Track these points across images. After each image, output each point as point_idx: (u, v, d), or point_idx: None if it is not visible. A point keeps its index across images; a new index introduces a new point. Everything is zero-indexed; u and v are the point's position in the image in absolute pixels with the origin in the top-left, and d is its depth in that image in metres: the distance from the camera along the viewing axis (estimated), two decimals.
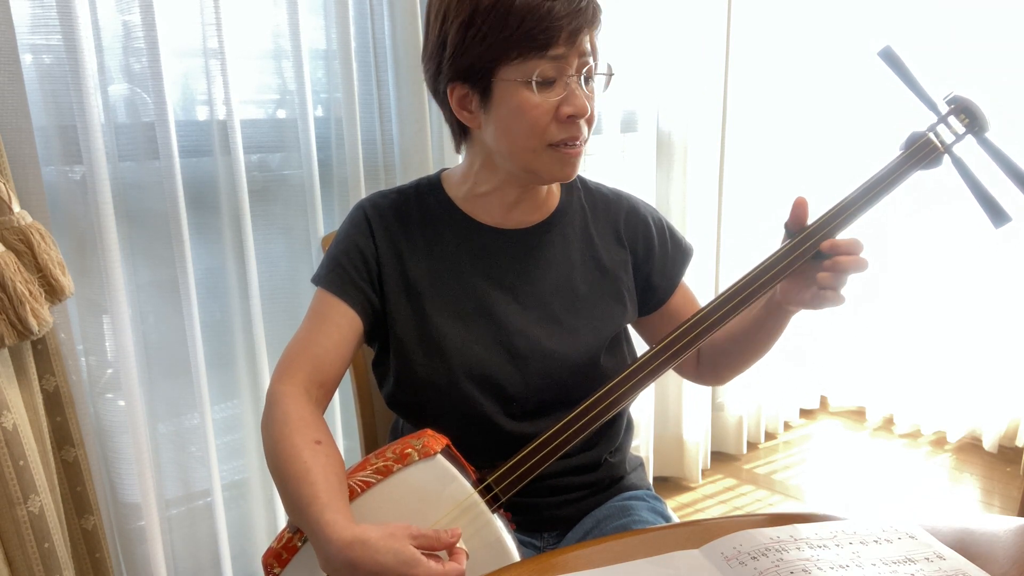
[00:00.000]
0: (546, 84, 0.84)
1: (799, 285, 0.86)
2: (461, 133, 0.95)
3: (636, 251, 1.02)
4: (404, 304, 0.94)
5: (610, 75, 0.91)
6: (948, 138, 0.87)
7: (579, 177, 1.05)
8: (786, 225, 0.87)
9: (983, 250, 2.42)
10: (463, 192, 0.97)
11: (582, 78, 0.85)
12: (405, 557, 0.68)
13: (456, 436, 0.86)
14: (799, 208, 0.86)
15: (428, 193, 0.99)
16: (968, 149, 0.88)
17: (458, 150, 0.98)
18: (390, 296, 0.94)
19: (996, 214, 0.87)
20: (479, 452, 0.88)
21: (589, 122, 0.88)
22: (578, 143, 0.88)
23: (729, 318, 0.86)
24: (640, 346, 1.05)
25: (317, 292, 0.94)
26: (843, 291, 0.84)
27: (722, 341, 1.00)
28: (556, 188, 1.01)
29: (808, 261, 0.85)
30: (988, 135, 0.87)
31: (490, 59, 0.84)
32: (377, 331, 0.96)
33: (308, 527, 0.74)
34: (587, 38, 0.85)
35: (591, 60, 0.86)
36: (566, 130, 0.86)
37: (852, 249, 0.82)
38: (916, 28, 2.39)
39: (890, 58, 0.89)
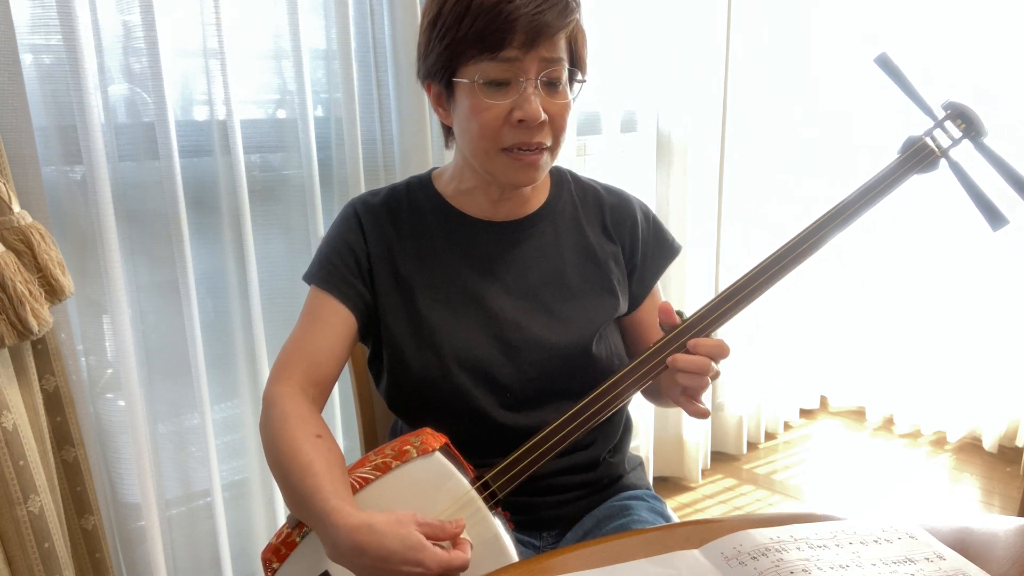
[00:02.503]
0: (499, 86, 0.83)
1: (671, 381, 0.84)
2: (448, 129, 0.96)
3: (624, 245, 1.02)
4: (396, 299, 0.94)
5: (581, 82, 0.90)
6: (945, 142, 0.88)
7: (570, 172, 1.05)
8: (660, 323, 0.85)
9: (982, 251, 2.42)
10: (452, 188, 0.98)
11: (538, 82, 0.84)
12: (411, 542, 0.69)
13: (452, 430, 0.86)
14: (662, 311, 0.84)
15: (418, 189, 1.00)
16: (965, 151, 0.88)
17: (447, 145, 0.99)
18: (381, 291, 0.94)
19: (993, 217, 0.87)
20: (475, 446, 0.88)
21: (554, 128, 0.87)
22: (533, 149, 0.86)
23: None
24: None
25: (310, 291, 0.95)
26: (702, 403, 0.82)
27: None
28: (545, 181, 1.02)
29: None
30: (984, 140, 0.87)
31: (448, 59, 0.85)
32: (370, 328, 0.96)
33: (314, 516, 0.74)
34: (554, 43, 0.83)
35: (560, 65, 0.85)
36: (517, 135, 0.85)
37: (712, 353, 0.80)
38: (917, 29, 2.39)
39: (886, 65, 0.90)
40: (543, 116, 0.84)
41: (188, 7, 1.29)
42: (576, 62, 0.89)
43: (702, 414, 0.83)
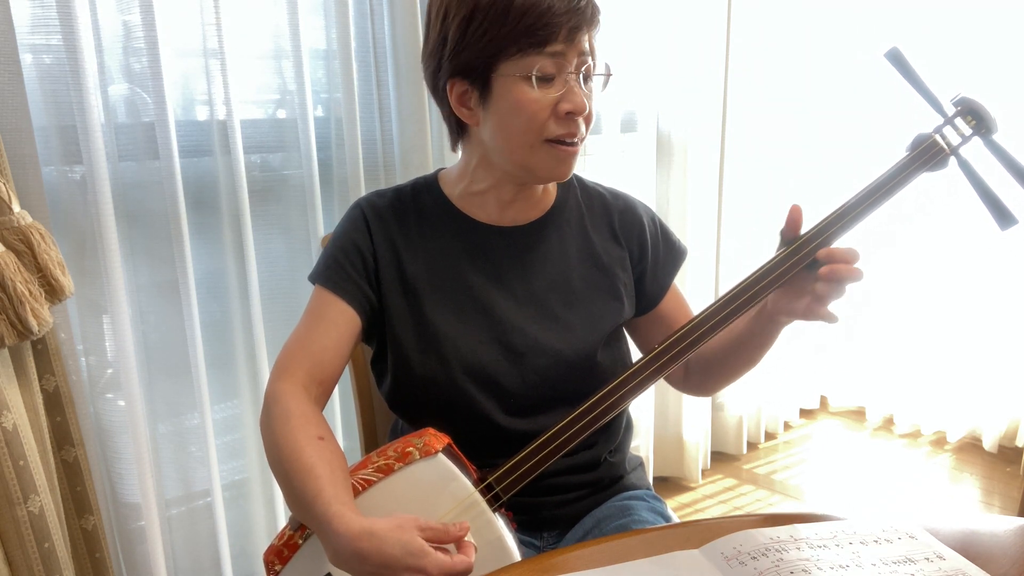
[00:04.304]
0: (545, 80, 0.85)
1: (792, 295, 0.85)
2: (458, 131, 0.95)
3: (632, 249, 1.02)
4: (401, 301, 0.94)
5: (608, 75, 0.92)
6: (954, 140, 0.87)
7: (575, 176, 1.05)
8: (781, 232, 0.86)
9: (983, 250, 2.42)
10: (459, 190, 0.98)
11: (580, 76, 0.86)
12: (413, 548, 0.68)
13: (454, 434, 0.86)
14: (794, 215, 0.85)
15: (425, 192, 0.99)
16: (974, 151, 0.87)
17: (454, 148, 0.99)
18: (387, 293, 0.94)
19: (1002, 216, 0.86)
20: (477, 450, 0.88)
21: (587, 121, 0.89)
22: (575, 141, 0.88)
23: (728, 322, 0.85)
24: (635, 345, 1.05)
25: (315, 290, 0.94)
26: (835, 307, 0.82)
27: (711, 351, 0.99)
28: (552, 186, 1.02)
29: (803, 270, 0.84)
30: (995, 137, 0.86)
31: (489, 55, 0.85)
32: (375, 329, 0.96)
33: (315, 521, 0.74)
34: (586, 37, 0.86)
35: (589, 60, 0.87)
36: (564, 126, 0.86)
37: (848, 258, 0.81)
38: (918, 28, 2.39)
39: (897, 59, 0.89)
40: (588, 108, 0.86)
41: (188, 7, 1.28)
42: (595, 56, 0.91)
43: (833, 318, 0.83)
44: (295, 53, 1.39)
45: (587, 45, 0.86)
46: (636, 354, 0.93)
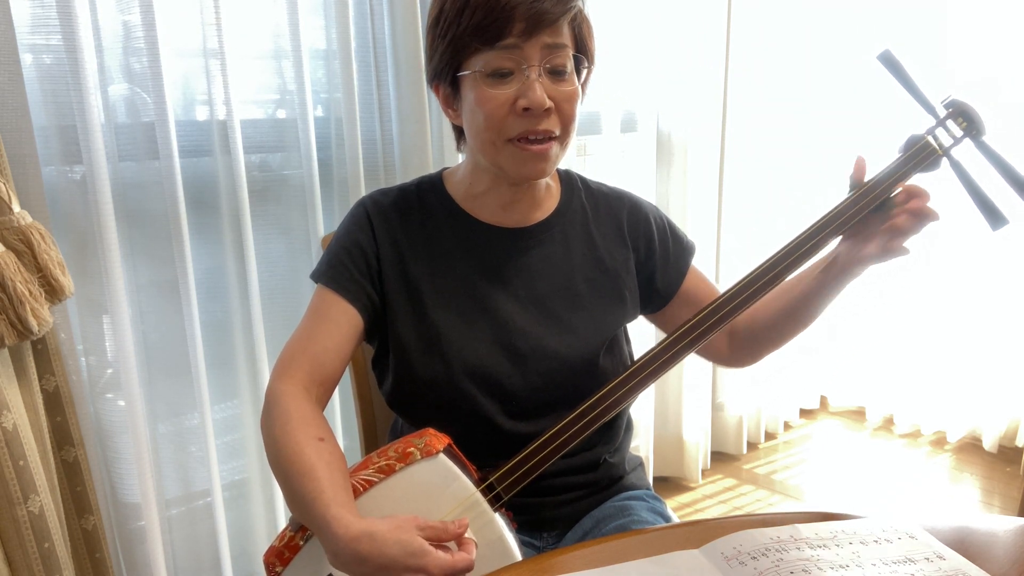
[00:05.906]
0: (502, 76, 0.84)
1: (861, 242, 0.88)
2: (460, 132, 0.96)
3: (638, 249, 1.02)
4: (404, 302, 0.94)
5: (587, 68, 0.90)
6: (946, 141, 0.88)
7: (580, 177, 1.05)
8: (851, 177, 0.90)
9: (983, 251, 2.42)
10: (463, 191, 0.98)
11: (542, 69, 0.84)
12: (413, 548, 0.68)
13: (455, 435, 0.86)
14: (860, 165, 0.90)
15: (429, 191, 0.99)
16: (966, 152, 0.88)
17: (459, 149, 0.99)
18: (390, 293, 0.94)
19: (993, 217, 0.87)
20: (477, 452, 0.88)
21: (563, 116, 0.86)
22: (540, 138, 0.86)
23: (762, 294, 0.87)
24: (638, 346, 1.05)
25: (317, 289, 0.94)
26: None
27: (768, 314, 1.00)
28: (556, 187, 1.01)
29: (870, 214, 0.87)
30: (985, 138, 0.87)
31: (452, 55, 0.86)
32: (377, 329, 0.96)
33: (314, 523, 0.74)
34: (556, 29, 0.83)
35: (563, 52, 0.85)
36: (522, 124, 0.84)
37: (926, 195, 0.85)
38: (917, 30, 2.39)
39: (889, 62, 0.89)
40: (548, 103, 0.84)
41: (188, 7, 1.28)
42: (582, 50, 0.89)
43: (907, 250, 0.86)
44: (295, 53, 1.39)
45: (559, 38, 0.84)
46: (640, 352, 0.92)
